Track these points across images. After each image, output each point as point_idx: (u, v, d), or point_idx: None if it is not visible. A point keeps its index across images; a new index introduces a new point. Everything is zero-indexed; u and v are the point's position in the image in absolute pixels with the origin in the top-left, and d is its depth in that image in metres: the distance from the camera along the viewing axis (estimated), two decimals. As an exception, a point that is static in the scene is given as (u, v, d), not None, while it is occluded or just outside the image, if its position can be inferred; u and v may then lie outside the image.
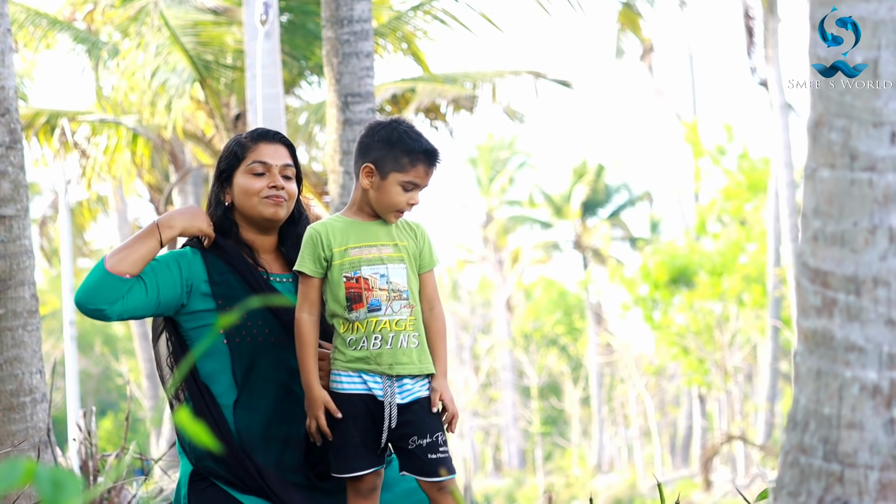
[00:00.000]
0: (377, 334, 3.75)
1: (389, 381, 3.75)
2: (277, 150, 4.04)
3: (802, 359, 2.83)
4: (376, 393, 3.76)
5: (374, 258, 3.79)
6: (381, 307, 3.76)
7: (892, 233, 2.72)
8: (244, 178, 4.01)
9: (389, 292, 3.76)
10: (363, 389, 3.76)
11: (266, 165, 4.00)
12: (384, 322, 3.75)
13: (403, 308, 3.77)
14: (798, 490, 2.80)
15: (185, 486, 3.97)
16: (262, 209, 3.98)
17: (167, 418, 23.79)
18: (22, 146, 5.67)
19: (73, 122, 16.24)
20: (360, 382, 3.76)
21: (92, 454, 6.30)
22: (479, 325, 49.30)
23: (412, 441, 3.75)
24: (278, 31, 12.29)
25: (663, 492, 3.98)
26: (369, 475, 3.79)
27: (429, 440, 3.75)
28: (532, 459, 46.91)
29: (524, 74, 15.86)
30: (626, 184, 45.56)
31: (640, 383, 39.43)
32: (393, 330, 3.75)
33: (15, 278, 5.53)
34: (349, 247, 3.80)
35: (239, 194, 4.01)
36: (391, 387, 3.75)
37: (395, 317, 3.76)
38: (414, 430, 3.75)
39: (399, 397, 3.75)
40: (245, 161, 4.02)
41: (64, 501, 1.64)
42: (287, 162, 4.04)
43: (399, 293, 3.77)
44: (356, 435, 3.76)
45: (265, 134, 4.07)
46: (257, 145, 4.03)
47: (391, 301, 3.76)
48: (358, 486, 3.80)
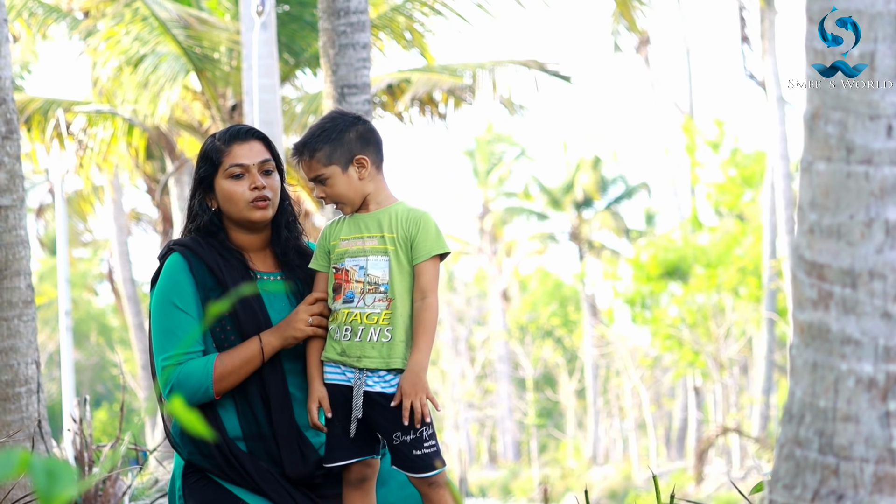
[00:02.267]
0: (347, 325, 3.76)
1: (360, 372, 3.75)
2: (252, 148, 3.99)
3: (798, 351, 2.83)
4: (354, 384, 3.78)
5: (357, 250, 3.80)
6: (353, 299, 3.77)
7: (889, 226, 2.72)
8: (225, 184, 3.96)
9: (365, 285, 3.76)
10: (343, 380, 3.79)
11: (244, 167, 3.96)
12: (355, 314, 3.76)
13: (378, 301, 3.75)
14: (793, 483, 2.80)
15: (180, 479, 3.97)
16: (249, 214, 3.96)
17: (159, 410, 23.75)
18: (18, 136, 5.67)
19: (68, 113, 16.22)
20: (339, 373, 3.79)
21: (87, 444, 6.30)
22: (475, 317, 49.34)
23: (396, 437, 3.74)
24: (275, 22, 12.27)
25: (658, 484, 3.98)
26: (356, 465, 3.79)
27: (413, 436, 3.73)
28: (527, 451, 46.94)
29: (522, 65, 15.83)
30: (623, 175, 45.56)
31: (635, 375, 39.45)
32: (363, 323, 3.75)
33: (11, 268, 5.53)
34: (340, 239, 3.83)
35: (223, 200, 3.98)
36: (360, 378, 3.75)
37: (366, 310, 3.75)
38: (398, 425, 3.73)
39: (379, 385, 3.75)
40: (222, 166, 3.97)
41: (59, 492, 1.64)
42: (264, 157, 3.99)
43: (375, 286, 3.76)
44: (337, 425, 3.78)
45: (236, 134, 4.01)
46: (231, 147, 3.98)
47: (364, 294, 3.76)
48: (347, 477, 3.82)
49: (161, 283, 3.95)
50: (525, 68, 15.75)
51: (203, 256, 3.95)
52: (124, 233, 26.21)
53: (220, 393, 3.85)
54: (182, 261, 3.95)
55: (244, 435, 3.92)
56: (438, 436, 4.26)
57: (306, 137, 3.85)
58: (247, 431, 3.91)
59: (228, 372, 3.84)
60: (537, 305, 47.92)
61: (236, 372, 3.85)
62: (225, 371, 3.84)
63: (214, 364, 3.84)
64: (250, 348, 3.87)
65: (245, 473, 3.86)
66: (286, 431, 3.90)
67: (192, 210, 4.04)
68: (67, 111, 16.21)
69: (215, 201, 4.01)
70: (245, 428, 3.92)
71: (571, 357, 48.35)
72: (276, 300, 3.98)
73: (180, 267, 3.94)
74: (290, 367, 3.94)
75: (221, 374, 3.84)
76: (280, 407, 3.90)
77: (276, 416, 3.90)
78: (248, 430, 3.91)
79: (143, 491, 7.26)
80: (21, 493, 5.31)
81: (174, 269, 3.94)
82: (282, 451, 3.89)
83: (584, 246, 44.69)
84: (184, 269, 3.93)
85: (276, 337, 3.87)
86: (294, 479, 3.88)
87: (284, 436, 3.90)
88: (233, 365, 3.85)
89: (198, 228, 4.01)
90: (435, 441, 3.78)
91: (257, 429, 3.91)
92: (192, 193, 4.07)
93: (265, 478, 3.87)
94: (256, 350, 3.86)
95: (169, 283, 3.93)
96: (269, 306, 3.97)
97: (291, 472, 3.88)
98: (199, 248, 3.96)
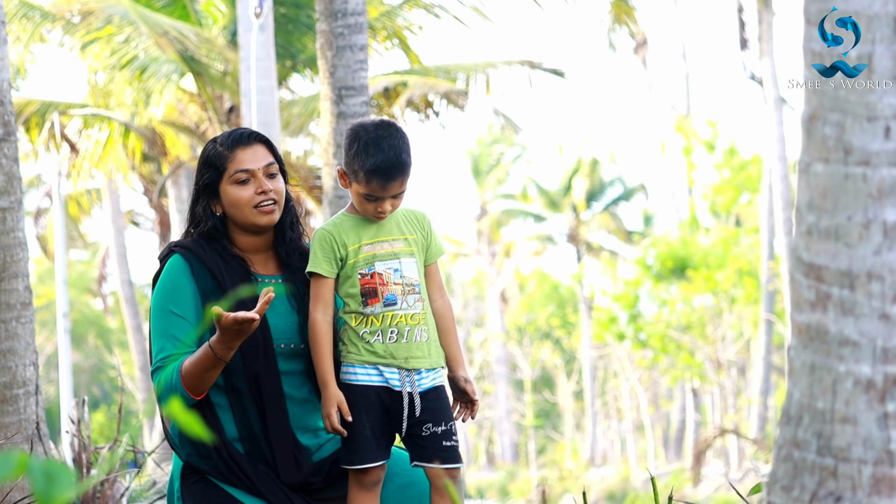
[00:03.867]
0: (393, 328, 3.78)
1: (407, 373, 3.79)
2: (256, 153, 3.98)
3: (796, 353, 2.83)
4: (393, 384, 3.78)
5: (388, 253, 3.82)
6: (396, 301, 3.79)
7: (887, 227, 2.73)
8: (231, 189, 3.95)
9: (404, 286, 3.80)
10: (379, 381, 3.79)
11: (249, 172, 3.94)
12: (400, 316, 3.79)
13: (417, 302, 3.82)
14: (791, 484, 2.80)
15: (178, 480, 3.96)
16: (256, 219, 3.95)
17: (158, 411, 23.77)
18: (16, 138, 5.66)
19: (63, 116, 16.21)
20: (376, 374, 3.79)
21: (85, 446, 6.29)
22: (473, 318, 49.33)
23: (426, 428, 3.79)
24: (272, 24, 12.28)
25: (656, 485, 3.98)
26: (375, 468, 3.80)
27: (443, 428, 3.81)
28: (525, 453, 46.94)
29: (517, 65, 15.83)
30: (621, 177, 45.55)
31: (633, 377, 39.46)
32: (409, 324, 3.79)
33: (8, 270, 5.53)
34: (363, 243, 3.82)
35: (229, 206, 3.96)
36: (409, 378, 3.79)
37: (409, 311, 3.80)
38: (429, 417, 3.80)
39: (428, 382, 3.82)
40: (227, 172, 3.95)
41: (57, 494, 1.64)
42: (268, 161, 3.98)
43: (412, 287, 3.82)
44: (367, 427, 3.78)
45: (239, 139, 4.00)
46: (234, 153, 3.96)
47: (406, 295, 3.80)
48: (363, 479, 3.81)
49: (160, 285, 3.94)
50: (519, 67, 15.75)
51: (204, 259, 3.94)
52: (121, 235, 26.20)
53: (198, 393, 3.81)
54: (183, 263, 3.94)
55: (240, 437, 3.91)
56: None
57: (404, 156, 3.79)
58: (243, 433, 3.91)
59: (192, 374, 3.79)
60: (535, 307, 47.92)
61: (199, 374, 3.79)
62: (188, 373, 3.79)
63: (181, 368, 3.81)
64: (203, 349, 3.79)
65: (243, 475, 3.86)
66: (280, 434, 3.89)
67: (195, 215, 4.02)
68: (63, 114, 16.20)
69: (220, 207, 3.99)
70: (241, 430, 3.91)
71: (569, 358, 48.35)
72: (276, 303, 3.96)
73: (181, 269, 3.93)
74: (285, 368, 3.93)
75: (188, 376, 3.79)
76: (274, 408, 3.89)
77: (270, 418, 3.89)
78: (244, 432, 3.91)
79: (141, 493, 7.26)
80: (20, 495, 5.30)
81: (174, 271, 3.94)
82: (276, 456, 3.88)
83: (581, 247, 44.69)
84: (184, 271, 3.93)
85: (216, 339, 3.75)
86: (289, 483, 3.88)
87: (278, 439, 3.88)
88: (194, 368, 3.80)
89: (201, 234, 4.00)
90: (457, 437, 3.87)
91: (252, 431, 3.91)
92: (194, 199, 4.05)
93: (263, 480, 3.86)
94: (208, 351, 3.78)
95: (168, 286, 3.92)
96: (269, 311, 3.94)
97: (285, 477, 3.87)
98: (200, 251, 3.96)
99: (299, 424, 3.95)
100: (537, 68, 15.81)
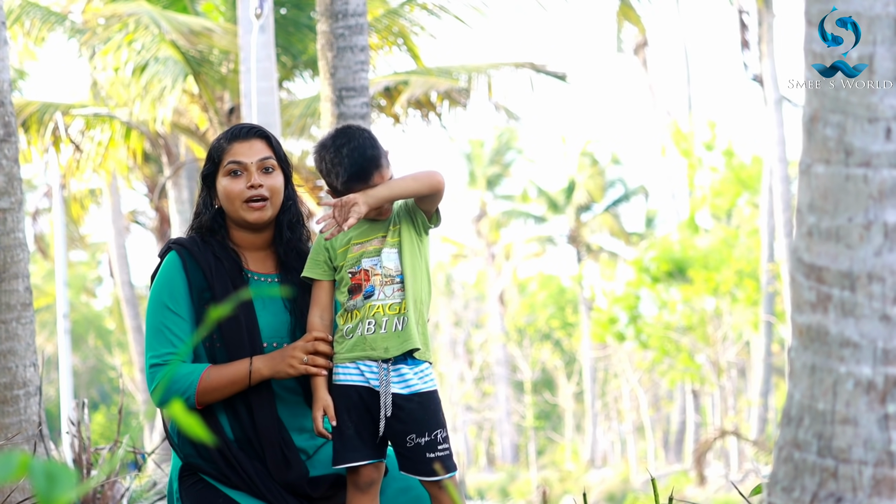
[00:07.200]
0: (370, 319, 3.78)
1: (385, 368, 3.76)
2: (252, 147, 3.99)
3: (797, 354, 2.83)
4: (373, 383, 3.77)
5: (374, 250, 3.84)
6: (374, 292, 3.80)
7: (887, 228, 2.72)
8: (223, 181, 3.98)
9: (383, 277, 3.81)
10: (360, 381, 3.78)
11: (241, 164, 3.96)
12: (377, 307, 3.79)
13: (396, 292, 3.80)
14: (792, 485, 2.80)
15: (176, 481, 3.96)
16: (245, 214, 3.96)
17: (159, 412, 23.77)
18: (16, 139, 5.67)
19: (66, 116, 16.21)
20: (356, 374, 3.79)
21: (85, 447, 6.29)
22: (473, 320, 49.32)
23: (410, 439, 3.75)
24: (273, 25, 12.28)
25: (657, 487, 3.98)
26: (366, 468, 3.78)
27: (427, 439, 3.75)
28: (525, 454, 46.94)
29: (520, 67, 15.83)
30: (622, 178, 45.54)
31: (633, 378, 39.46)
32: (386, 314, 3.78)
33: (9, 271, 5.53)
34: (352, 243, 3.85)
35: (223, 199, 3.99)
36: (386, 375, 3.76)
37: (388, 301, 3.79)
38: (413, 427, 3.75)
39: (398, 387, 3.76)
40: (222, 164, 3.98)
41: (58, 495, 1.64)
42: (264, 155, 3.98)
43: (391, 277, 3.81)
44: (351, 426, 3.77)
45: (238, 132, 4.02)
46: (231, 145, 3.99)
47: (384, 286, 3.80)
48: (355, 479, 3.80)
49: (156, 281, 3.98)
50: (521, 69, 15.75)
51: (196, 256, 3.95)
52: (122, 235, 26.19)
53: (203, 404, 3.86)
54: (178, 259, 3.96)
55: (235, 438, 3.92)
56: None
57: (369, 152, 3.84)
58: (237, 434, 3.92)
59: (213, 388, 3.84)
60: (535, 308, 47.92)
61: (220, 390, 3.85)
62: (209, 386, 3.84)
63: (201, 377, 3.84)
64: (238, 370, 3.86)
65: (245, 476, 3.86)
66: (268, 433, 3.90)
67: (197, 207, 4.07)
68: (65, 114, 16.20)
69: (218, 199, 4.02)
70: (235, 430, 3.92)
71: (570, 360, 48.36)
72: (270, 303, 3.97)
73: (175, 265, 3.95)
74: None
75: (206, 389, 3.84)
76: (260, 406, 3.90)
77: (258, 417, 3.89)
78: (238, 433, 3.92)
79: (142, 494, 7.26)
80: (20, 496, 5.30)
81: (170, 267, 3.97)
82: (266, 455, 3.89)
83: (582, 249, 44.69)
84: (178, 267, 3.95)
85: (266, 367, 3.86)
86: (284, 485, 3.88)
87: (266, 438, 3.89)
88: (219, 382, 3.85)
89: (199, 226, 4.02)
90: (448, 445, 3.81)
91: (244, 430, 3.91)
92: (199, 191, 4.10)
93: (264, 480, 3.86)
94: (244, 373, 3.85)
95: (163, 282, 3.95)
96: (261, 309, 3.96)
97: (276, 476, 3.88)
98: (194, 248, 3.97)
99: (294, 425, 3.96)
100: (540, 71, 15.81)
